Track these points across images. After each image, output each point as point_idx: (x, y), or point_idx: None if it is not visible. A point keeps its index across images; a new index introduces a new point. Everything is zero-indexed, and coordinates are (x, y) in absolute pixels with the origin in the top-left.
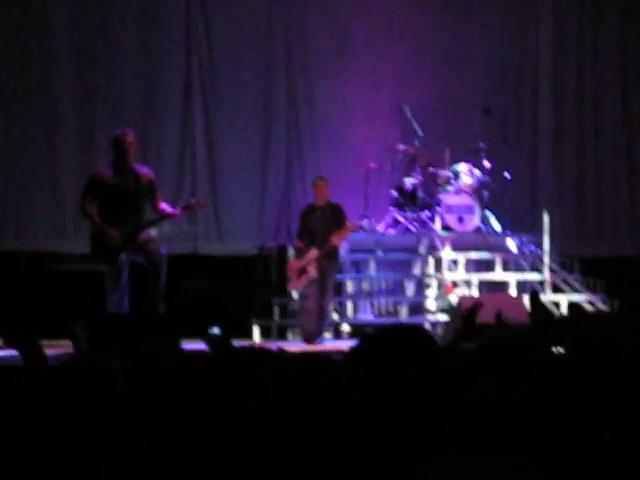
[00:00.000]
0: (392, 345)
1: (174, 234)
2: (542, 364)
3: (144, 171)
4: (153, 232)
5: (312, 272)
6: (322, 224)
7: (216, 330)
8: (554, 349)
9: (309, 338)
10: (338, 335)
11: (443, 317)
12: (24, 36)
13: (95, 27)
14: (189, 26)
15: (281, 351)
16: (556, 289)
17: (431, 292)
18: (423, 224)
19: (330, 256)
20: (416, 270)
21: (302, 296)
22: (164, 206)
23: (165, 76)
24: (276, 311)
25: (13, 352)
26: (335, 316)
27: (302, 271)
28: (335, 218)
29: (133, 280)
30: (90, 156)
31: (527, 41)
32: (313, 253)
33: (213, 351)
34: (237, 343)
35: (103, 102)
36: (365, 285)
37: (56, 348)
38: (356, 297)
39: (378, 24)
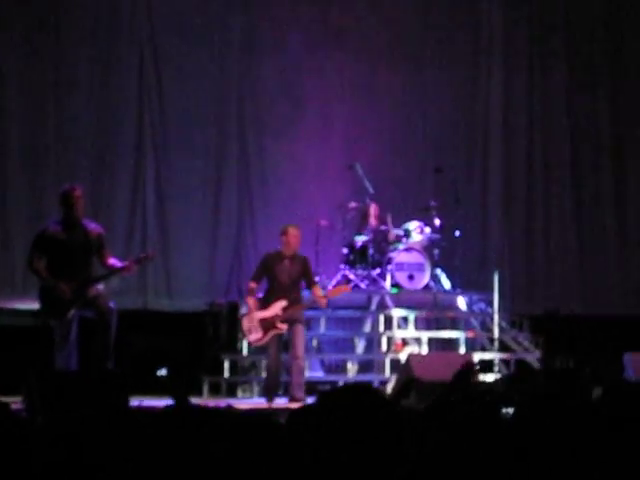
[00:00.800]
0: (346, 404)
1: (123, 289)
2: (491, 423)
3: (92, 226)
4: (102, 287)
5: (281, 326)
6: (291, 275)
7: (164, 371)
8: (503, 410)
9: (270, 395)
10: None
11: (392, 375)
12: None
13: (46, 83)
14: (141, 83)
15: (230, 408)
16: (505, 348)
17: (381, 349)
18: (374, 281)
19: (300, 308)
20: (366, 327)
21: (262, 350)
22: (113, 261)
23: (117, 132)
24: (226, 367)
25: None
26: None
27: (268, 324)
28: (304, 271)
29: (82, 336)
30: (40, 212)
31: (478, 97)
32: (280, 304)
33: (174, 402)
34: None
35: (54, 158)
36: (315, 342)
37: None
38: (306, 354)
39: (330, 82)
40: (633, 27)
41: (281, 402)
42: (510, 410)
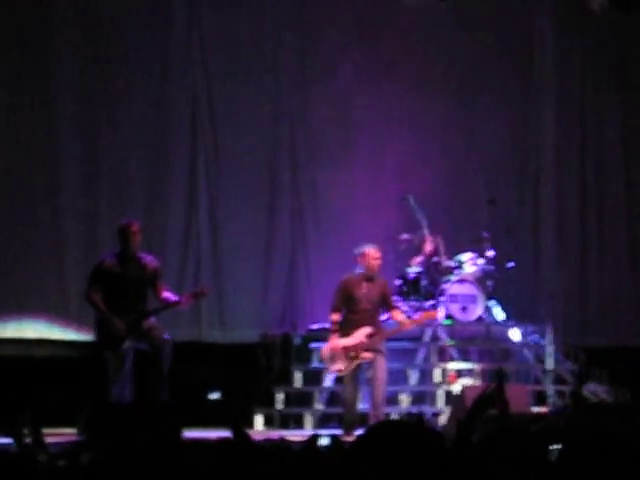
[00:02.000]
0: (394, 438)
1: (177, 321)
2: (538, 459)
3: (149, 259)
4: (155, 320)
5: (365, 355)
6: (371, 299)
7: (216, 395)
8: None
9: (351, 428)
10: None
11: (446, 407)
12: (30, 120)
13: (101, 117)
14: (194, 112)
15: (283, 441)
16: (560, 380)
17: (434, 381)
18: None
19: (384, 335)
20: (419, 359)
21: (316, 382)
22: (167, 294)
23: (169, 162)
24: (279, 399)
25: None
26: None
27: (352, 353)
28: (383, 294)
29: (136, 368)
30: (95, 242)
31: (530, 131)
32: (364, 331)
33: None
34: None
35: (108, 188)
36: (368, 374)
37: (61, 436)
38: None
39: (382, 112)
40: None
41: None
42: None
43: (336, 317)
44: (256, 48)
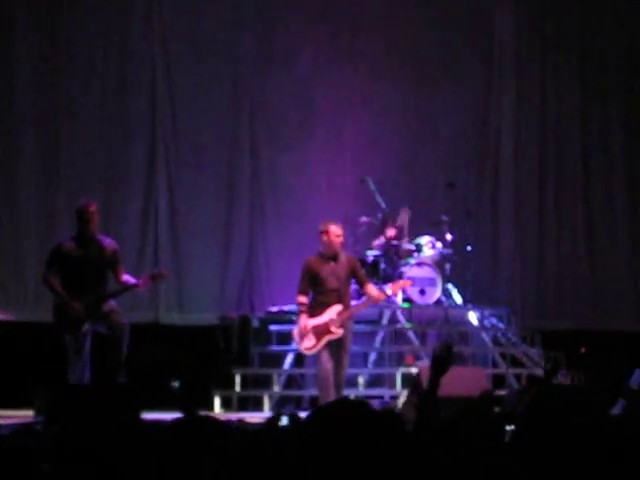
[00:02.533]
0: (349, 418)
1: (135, 303)
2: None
3: (107, 242)
4: (114, 302)
5: (337, 331)
6: (339, 277)
7: (177, 384)
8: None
9: None
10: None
11: (403, 389)
12: None
13: (59, 97)
14: (154, 98)
15: (241, 423)
16: (517, 363)
17: (392, 364)
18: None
19: (354, 310)
20: (377, 342)
21: (274, 364)
22: (127, 277)
23: (129, 147)
24: (237, 381)
25: None
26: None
27: (321, 329)
28: (352, 269)
29: (95, 350)
30: (53, 227)
31: (490, 115)
32: (334, 309)
33: (184, 414)
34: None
35: (66, 173)
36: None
37: (15, 418)
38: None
39: (342, 96)
40: None
41: None
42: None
43: (303, 299)
44: (217, 31)
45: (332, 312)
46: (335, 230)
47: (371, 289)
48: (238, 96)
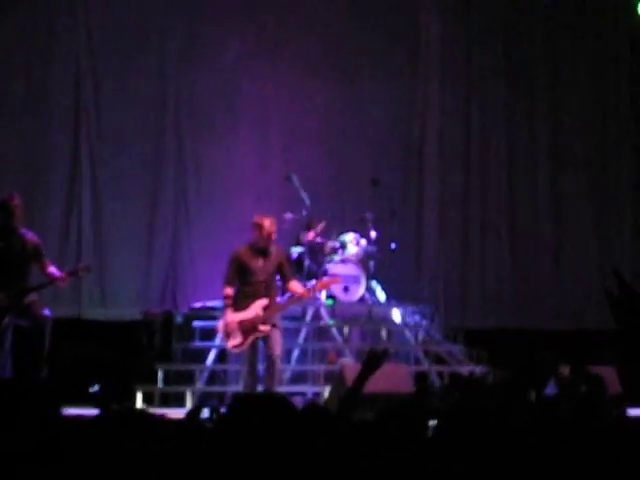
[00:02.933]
0: (254, 413)
1: (57, 298)
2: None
3: (30, 235)
4: (36, 296)
5: (263, 328)
6: (267, 270)
7: (96, 388)
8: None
9: None
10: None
11: (326, 386)
12: None
13: None
14: (78, 87)
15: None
16: (440, 360)
17: (315, 361)
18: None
19: (281, 307)
20: (301, 339)
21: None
22: (52, 270)
23: (52, 140)
24: (160, 377)
25: None
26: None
27: (248, 326)
28: (280, 264)
29: (16, 344)
30: None
31: (415, 113)
32: (260, 304)
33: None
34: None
35: None
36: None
37: None
38: (241, 364)
39: (268, 90)
40: (570, 37)
41: None
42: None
43: (229, 291)
44: (143, 22)
45: (258, 307)
46: (269, 226)
47: (296, 286)
48: (162, 92)
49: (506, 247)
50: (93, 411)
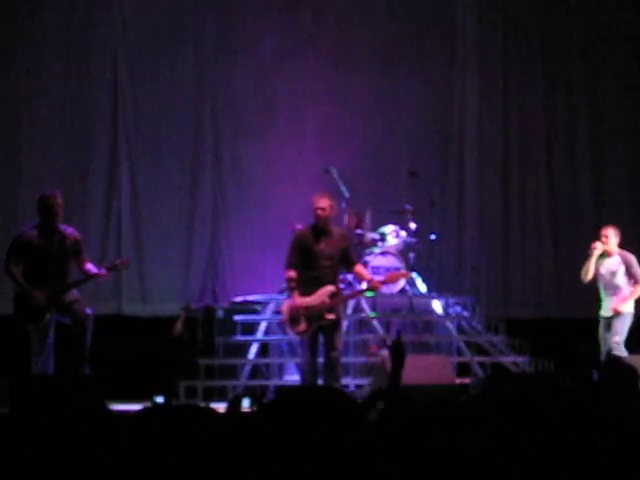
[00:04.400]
0: (306, 403)
1: (98, 294)
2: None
3: (69, 231)
4: (77, 293)
5: (329, 316)
6: (331, 254)
7: (160, 399)
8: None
9: None
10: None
11: (367, 378)
12: None
13: (20, 91)
14: (116, 89)
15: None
16: (481, 351)
17: (356, 353)
18: (350, 285)
19: (348, 297)
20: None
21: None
22: (90, 266)
23: (91, 134)
24: (202, 372)
25: None
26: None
27: (313, 313)
28: (344, 248)
29: (58, 341)
30: (15, 218)
31: (452, 104)
32: (326, 290)
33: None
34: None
35: (28, 165)
36: (291, 345)
37: None
38: (282, 357)
39: (303, 85)
40: (609, 37)
41: None
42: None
43: (292, 273)
44: (177, 19)
45: (324, 294)
46: (316, 201)
47: (362, 271)
48: (200, 86)
49: (547, 236)
50: (137, 406)
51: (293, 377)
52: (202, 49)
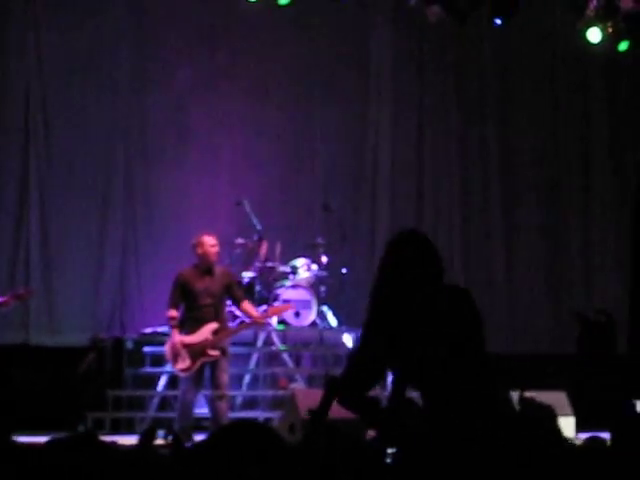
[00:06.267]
0: (239, 441)
1: (5, 324)
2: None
3: None
4: None
5: (212, 352)
6: (213, 293)
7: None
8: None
9: (188, 435)
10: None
11: (277, 412)
12: None
13: None
14: (27, 116)
15: (115, 445)
16: None
17: (266, 386)
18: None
19: (232, 332)
20: (252, 364)
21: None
22: None
23: (1, 165)
24: (110, 403)
25: None
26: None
27: (197, 350)
28: (228, 285)
29: None
30: None
31: (367, 136)
32: (209, 327)
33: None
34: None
35: None
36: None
37: None
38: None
39: (218, 116)
40: (522, 61)
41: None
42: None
43: (174, 313)
44: (93, 48)
45: (207, 331)
46: (208, 240)
47: (249, 307)
48: (113, 117)
49: (459, 267)
50: (43, 438)
51: (202, 410)
52: (117, 77)
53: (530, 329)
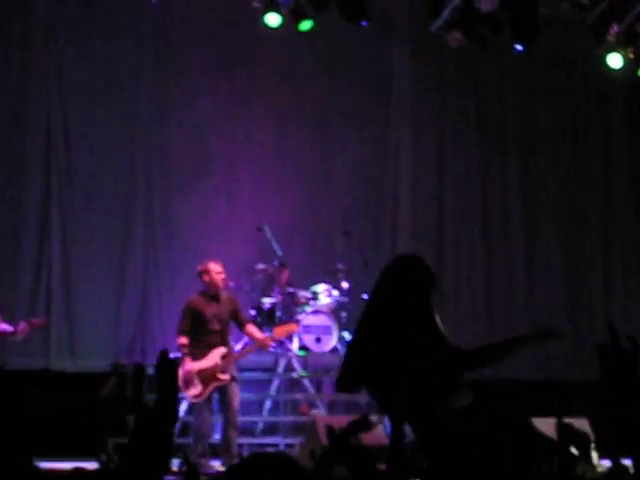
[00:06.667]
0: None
1: (27, 350)
2: None
3: None
4: None
5: (222, 377)
6: (221, 318)
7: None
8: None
9: (203, 457)
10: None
11: (298, 438)
12: None
13: None
14: (49, 140)
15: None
16: None
17: (287, 412)
18: (281, 344)
19: (239, 356)
20: (273, 390)
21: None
22: (4, 326)
23: (22, 185)
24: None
25: None
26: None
27: (207, 375)
28: (234, 311)
29: None
30: None
31: (387, 163)
32: (218, 352)
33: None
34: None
35: None
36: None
37: None
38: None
39: (238, 142)
40: (543, 87)
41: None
42: None
43: (185, 341)
44: (114, 73)
45: (216, 355)
46: (215, 267)
47: (253, 330)
48: (133, 143)
49: (480, 294)
50: (64, 464)
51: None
52: (138, 104)
53: (554, 357)
